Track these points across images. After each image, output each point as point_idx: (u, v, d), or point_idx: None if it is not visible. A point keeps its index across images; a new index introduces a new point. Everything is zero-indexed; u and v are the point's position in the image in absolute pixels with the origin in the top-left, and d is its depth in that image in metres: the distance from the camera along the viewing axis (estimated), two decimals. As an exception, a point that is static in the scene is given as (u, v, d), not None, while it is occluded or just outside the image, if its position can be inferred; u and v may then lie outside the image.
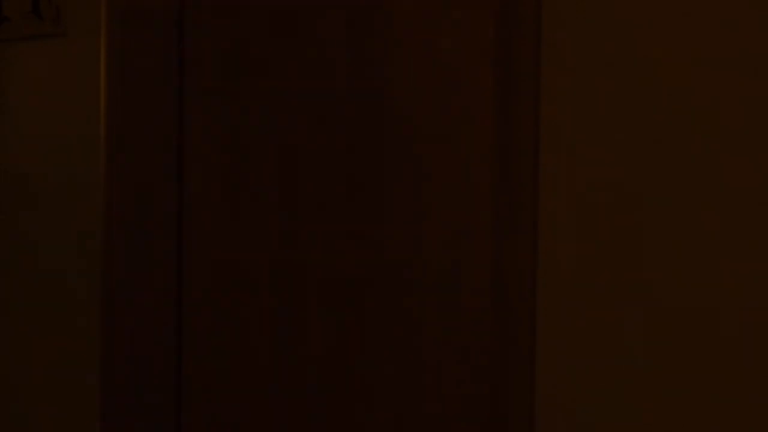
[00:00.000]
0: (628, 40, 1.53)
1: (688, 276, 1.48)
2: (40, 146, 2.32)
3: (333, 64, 1.88)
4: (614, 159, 1.55)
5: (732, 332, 1.44)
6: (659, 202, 1.50)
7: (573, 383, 1.57)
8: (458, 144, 1.72)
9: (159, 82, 2.13)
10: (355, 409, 1.83)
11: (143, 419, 2.11)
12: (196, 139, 2.08)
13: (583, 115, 1.58)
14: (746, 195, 1.42)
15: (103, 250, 2.12)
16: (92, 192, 2.21)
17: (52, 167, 2.30)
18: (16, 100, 2.36)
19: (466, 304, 1.71)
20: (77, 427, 2.23)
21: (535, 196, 1.64)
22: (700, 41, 1.47)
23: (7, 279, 2.43)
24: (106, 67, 2.12)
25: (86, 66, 2.20)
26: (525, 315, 1.64)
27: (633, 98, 1.53)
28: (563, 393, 1.58)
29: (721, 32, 1.45)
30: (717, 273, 1.45)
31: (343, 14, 1.86)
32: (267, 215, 1.97)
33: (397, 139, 1.79)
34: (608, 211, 1.55)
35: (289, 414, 1.92)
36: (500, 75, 1.70)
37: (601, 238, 1.56)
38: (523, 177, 1.66)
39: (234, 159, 2.02)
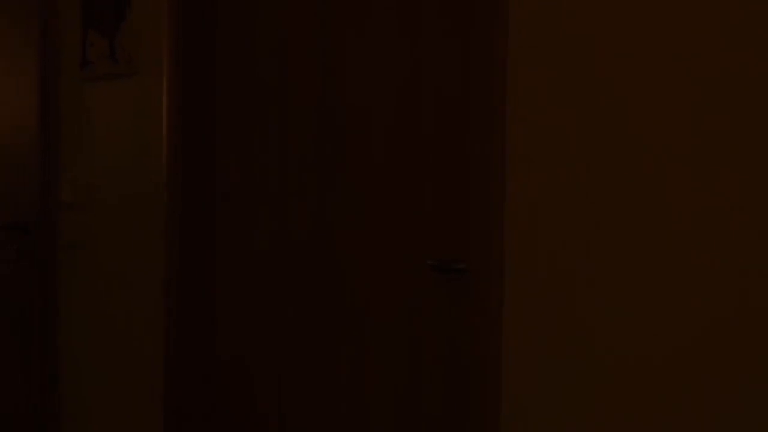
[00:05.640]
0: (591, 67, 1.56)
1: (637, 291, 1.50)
2: (116, 162, 2.50)
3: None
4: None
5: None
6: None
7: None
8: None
9: (203, 110, 2.37)
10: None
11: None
12: (224, 145, 2.32)
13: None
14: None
15: (166, 241, 2.34)
16: (153, 199, 2.38)
17: (123, 179, 2.48)
18: (98, 126, 2.54)
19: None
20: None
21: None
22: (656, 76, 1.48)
23: (80, 268, 2.61)
24: (167, 100, 2.34)
25: (153, 98, 2.38)
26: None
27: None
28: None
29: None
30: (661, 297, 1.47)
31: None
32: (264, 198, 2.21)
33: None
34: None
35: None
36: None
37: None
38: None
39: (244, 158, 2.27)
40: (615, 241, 1.55)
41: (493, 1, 1.68)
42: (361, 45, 2.01)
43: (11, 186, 2.68)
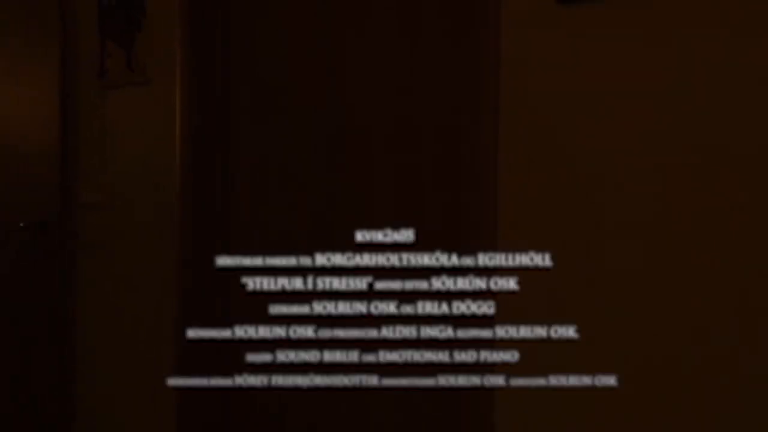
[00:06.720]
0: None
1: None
2: (131, 168, 2.53)
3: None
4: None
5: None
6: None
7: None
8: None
9: (214, 116, 2.38)
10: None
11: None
12: (237, 147, 2.31)
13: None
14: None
15: (180, 234, 2.34)
16: (166, 202, 2.40)
17: (138, 184, 2.50)
18: (114, 133, 2.57)
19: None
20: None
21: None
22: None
23: (103, 259, 2.63)
24: (180, 107, 2.36)
25: (166, 105, 2.41)
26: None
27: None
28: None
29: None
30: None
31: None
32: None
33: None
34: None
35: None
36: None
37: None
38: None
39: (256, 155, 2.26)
40: (615, 241, 1.54)
41: (492, 1, 1.70)
42: (361, 45, 2.03)
43: (33, 188, 2.74)
